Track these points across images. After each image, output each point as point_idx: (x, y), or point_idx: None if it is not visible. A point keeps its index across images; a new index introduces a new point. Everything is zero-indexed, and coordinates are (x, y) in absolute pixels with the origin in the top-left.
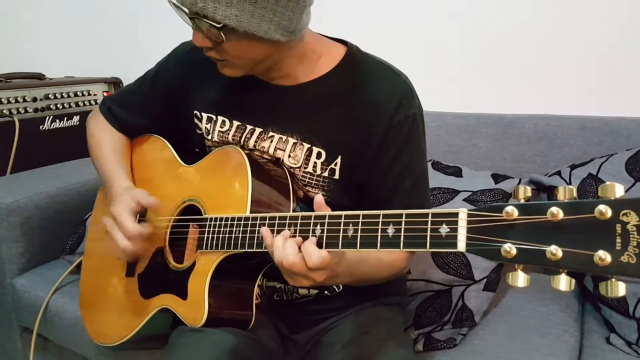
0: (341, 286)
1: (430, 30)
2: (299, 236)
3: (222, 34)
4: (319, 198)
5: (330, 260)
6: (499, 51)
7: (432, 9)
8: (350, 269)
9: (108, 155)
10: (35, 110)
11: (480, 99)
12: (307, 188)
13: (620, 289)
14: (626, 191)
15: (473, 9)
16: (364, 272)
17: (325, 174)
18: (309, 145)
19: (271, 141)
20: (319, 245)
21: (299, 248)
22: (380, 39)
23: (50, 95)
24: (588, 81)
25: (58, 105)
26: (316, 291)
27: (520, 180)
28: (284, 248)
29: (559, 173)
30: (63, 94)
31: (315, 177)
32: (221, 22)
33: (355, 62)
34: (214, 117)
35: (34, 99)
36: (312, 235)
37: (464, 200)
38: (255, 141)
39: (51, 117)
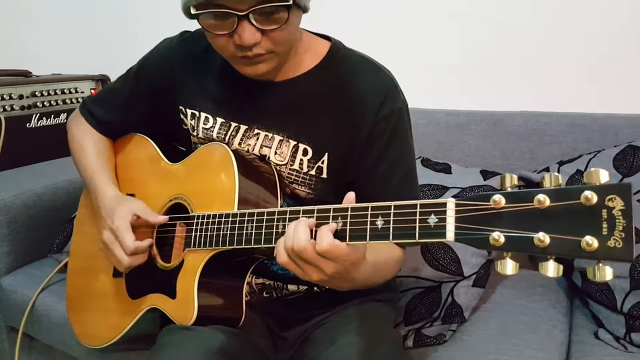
0: None
1: (421, 29)
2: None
3: (288, 13)
4: (351, 196)
5: (343, 254)
6: (489, 49)
7: (424, 8)
8: (368, 274)
9: (91, 159)
10: (22, 107)
11: (470, 96)
12: (294, 185)
13: (607, 273)
14: None
15: (466, 7)
16: (379, 276)
17: (313, 172)
18: (295, 142)
19: (257, 139)
20: None
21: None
22: (371, 37)
23: (37, 93)
24: (577, 78)
25: (45, 103)
26: (305, 287)
27: None
28: (296, 231)
29: (547, 169)
30: (50, 92)
31: (302, 175)
32: None
33: (339, 57)
34: (197, 113)
35: (21, 97)
36: (332, 222)
37: (453, 196)
38: (241, 139)
39: (38, 114)
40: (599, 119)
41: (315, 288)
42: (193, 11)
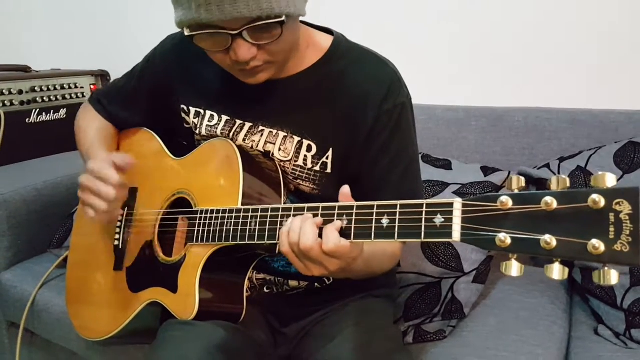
0: (331, 278)
1: (421, 24)
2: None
3: (282, 27)
4: (345, 189)
5: (347, 251)
6: (489, 44)
7: (424, 3)
8: (365, 264)
9: (92, 139)
10: (22, 103)
11: (470, 92)
12: (298, 181)
13: (613, 277)
14: None
15: (466, 4)
16: (375, 267)
17: (317, 167)
18: (299, 138)
19: (261, 135)
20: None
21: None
22: (371, 33)
23: (36, 88)
24: (577, 75)
25: (44, 98)
26: (306, 283)
27: (509, 172)
28: (303, 229)
29: (547, 166)
30: (49, 87)
31: (306, 171)
32: (282, 14)
33: (342, 52)
34: (201, 111)
35: (20, 92)
36: (337, 219)
37: (454, 192)
38: (245, 135)
39: (38, 110)
40: (599, 115)
41: (316, 284)
42: (187, 32)
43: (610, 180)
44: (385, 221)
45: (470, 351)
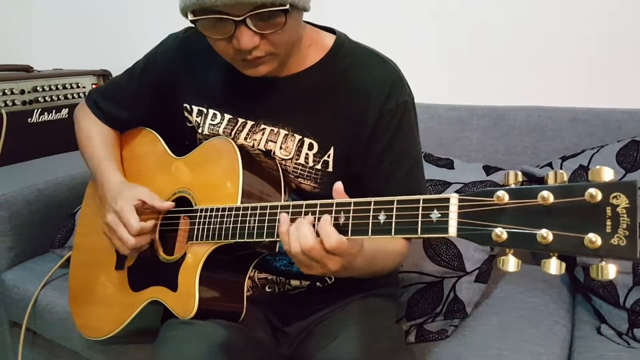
0: (333, 277)
1: (422, 22)
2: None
3: (285, 16)
4: (338, 186)
5: (347, 247)
6: (491, 43)
7: (426, 3)
8: (366, 262)
9: (97, 148)
10: (24, 102)
11: (471, 90)
12: (299, 180)
13: (610, 271)
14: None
15: (465, 3)
16: (378, 265)
17: (318, 166)
18: (301, 137)
19: (263, 134)
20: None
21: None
22: (373, 31)
23: (38, 88)
24: (579, 73)
25: (46, 98)
26: (308, 282)
27: None
28: (300, 232)
29: (550, 164)
30: (51, 87)
31: (307, 169)
32: (287, 2)
33: (344, 51)
34: (204, 110)
35: (22, 92)
36: (327, 215)
37: (456, 192)
38: (247, 134)
39: (39, 109)
40: (601, 113)
41: (317, 283)
42: (190, 17)
43: (607, 174)
44: (382, 217)
45: (472, 350)
